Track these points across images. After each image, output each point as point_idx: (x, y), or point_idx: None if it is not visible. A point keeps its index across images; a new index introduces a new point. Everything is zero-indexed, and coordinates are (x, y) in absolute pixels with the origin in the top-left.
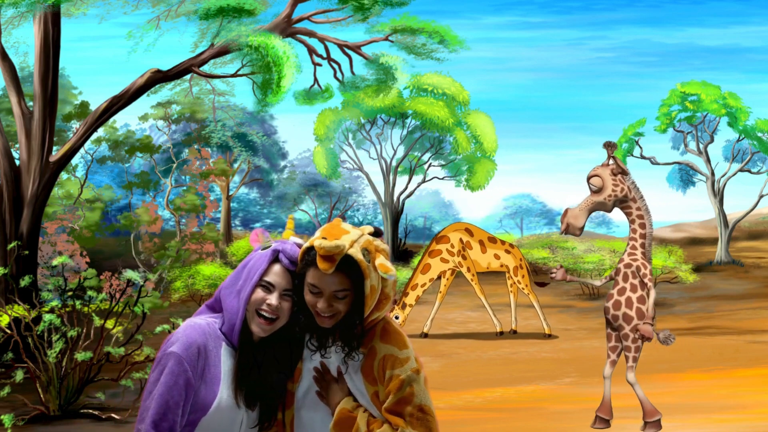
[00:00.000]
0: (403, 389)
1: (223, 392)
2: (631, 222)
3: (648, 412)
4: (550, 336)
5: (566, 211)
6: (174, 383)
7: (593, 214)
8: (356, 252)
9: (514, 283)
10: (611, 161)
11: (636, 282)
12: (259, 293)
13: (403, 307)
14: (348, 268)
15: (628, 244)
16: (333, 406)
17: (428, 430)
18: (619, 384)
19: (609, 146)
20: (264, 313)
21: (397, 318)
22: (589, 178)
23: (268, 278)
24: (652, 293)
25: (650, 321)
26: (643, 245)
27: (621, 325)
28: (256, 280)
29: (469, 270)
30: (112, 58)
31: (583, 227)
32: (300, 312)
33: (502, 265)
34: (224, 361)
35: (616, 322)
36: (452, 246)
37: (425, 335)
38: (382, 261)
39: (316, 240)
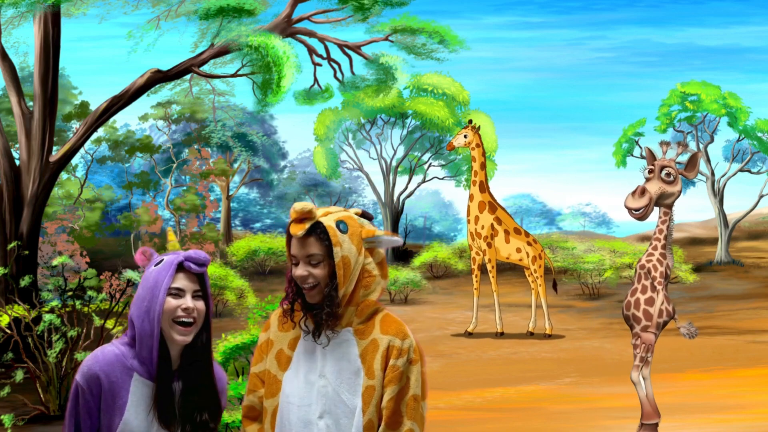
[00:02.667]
0: (402, 380)
1: (131, 421)
2: (662, 223)
3: (646, 414)
4: (550, 336)
5: (645, 188)
6: (79, 412)
7: (593, 213)
8: (328, 220)
9: (531, 274)
10: (678, 159)
11: (647, 283)
12: (171, 302)
13: None
14: (320, 233)
15: (650, 245)
16: None
17: (420, 419)
18: (619, 384)
19: (683, 146)
20: (182, 319)
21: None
22: (663, 166)
23: (176, 285)
24: (659, 297)
25: (654, 330)
26: (664, 246)
27: (632, 325)
28: (164, 291)
29: (489, 261)
30: (112, 58)
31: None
32: (295, 294)
33: (521, 259)
34: (134, 392)
35: (628, 322)
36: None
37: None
38: (367, 227)
39: (295, 204)
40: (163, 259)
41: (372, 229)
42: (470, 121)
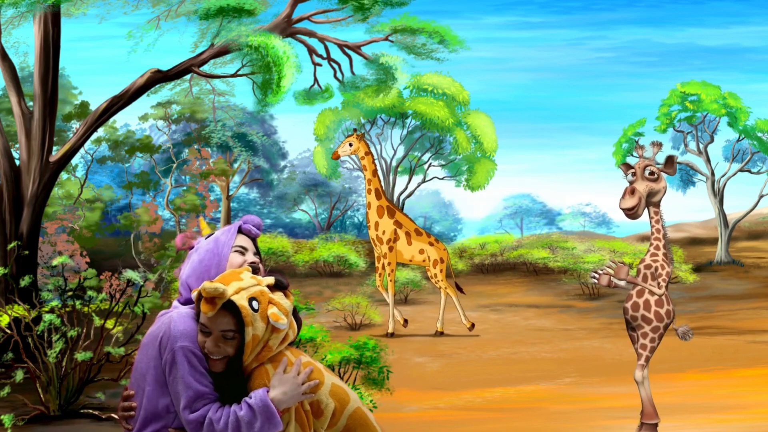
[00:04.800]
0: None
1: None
2: (656, 222)
3: (647, 414)
4: (473, 326)
5: (634, 188)
6: (195, 372)
7: (594, 214)
8: (239, 298)
9: (435, 276)
10: (657, 159)
11: (654, 283)
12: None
13: None
14: (234, 311)
15: (651, 245)
16: None
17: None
18: (619, 384)
19: (657, 145)
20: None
21: None
22: (645, 166)
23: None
24: (656, 291)
25: (663, 331)
26: (665, 246)
27: (640, 325)
28: (229, 248)
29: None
30: (112, 58)
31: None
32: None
33: (424, 260)
34: None
35: (635, 322)
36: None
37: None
38: (274, 311)
39: (204, 283)
40: (213, 233)
41: (278, 304)
42: (355, 130)
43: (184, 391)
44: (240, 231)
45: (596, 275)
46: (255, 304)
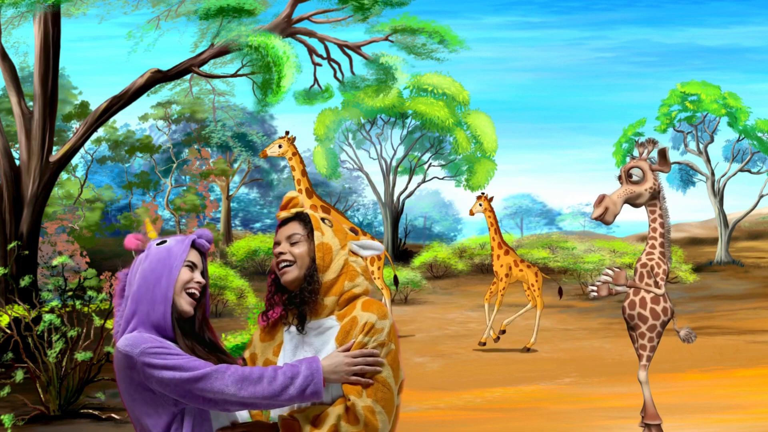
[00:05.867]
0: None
1: None
2: (653, 221)
3: (650, 415)
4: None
5: (604, 196)
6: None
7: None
8: (311, 213)
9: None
10: (651, 156)
11: (651, 282)
12: (186, 273)
13: None
14: (304, 218)
15: (647, 244)
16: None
17: (379, 401)
18: (619, 384)
19: (651, 143)
20: (192, 290)
21: None
22: (628, 168)
23: (191, 258)
24: (655, 290)
25: (661, 329)
26: (662, 245)
27: (637, 324)
28: (182, 261)
29: None
30: (112, 58)
31: (617, 215)
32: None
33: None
34: None
35: (632, 321)
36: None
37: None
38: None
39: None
40: (165, 240)
41: (353, 237)
42: (287, 132)
43: (176, 371)
44: (193, 245)
45: (595, 288)
46: (327, 222)
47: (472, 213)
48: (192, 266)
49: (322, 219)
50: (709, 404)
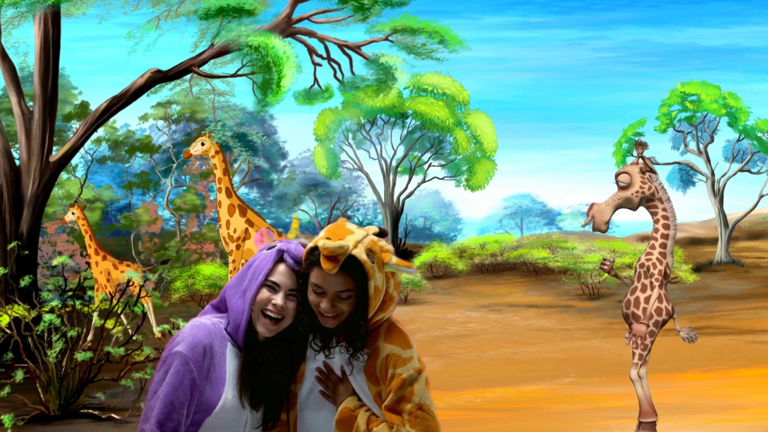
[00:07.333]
0: (404, 388)
1: (228, 392)
2: (655, 222)
3: (644, 413)
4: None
5: (592, 205)
6: (179, 383)
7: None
8: (360, 252)
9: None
10: (640, 160)
11: (647, 282)
12: (265, 293)
13: None
14: (352, 268)
15: (648, 244)
16: (338, 405)
17: (426, 429)
18: (619, 384)
19: (639, 145)
20: (269, 314)
21: None
22: (617, 175)
23: (273, 278)
24: (654, 293)
25: (646, 321)
26: (663, 245)
27: (631, 323)
28: (261, 280)
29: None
30: (112, 58)
31: (608, 222)
32: (304, 312)
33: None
34: (229, 362)
35: (628, 320)
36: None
37: None
38: (396, 259)
39: (320, 240)
40: (275, 245)
41: (388, 250)
42: (208, 130)
43: (163, 398)
44: (281, 259)
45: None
46: (371, 254)
47: (64, 222)
48: (273, 287)
49: (367, 252)
50: (709, 404)
